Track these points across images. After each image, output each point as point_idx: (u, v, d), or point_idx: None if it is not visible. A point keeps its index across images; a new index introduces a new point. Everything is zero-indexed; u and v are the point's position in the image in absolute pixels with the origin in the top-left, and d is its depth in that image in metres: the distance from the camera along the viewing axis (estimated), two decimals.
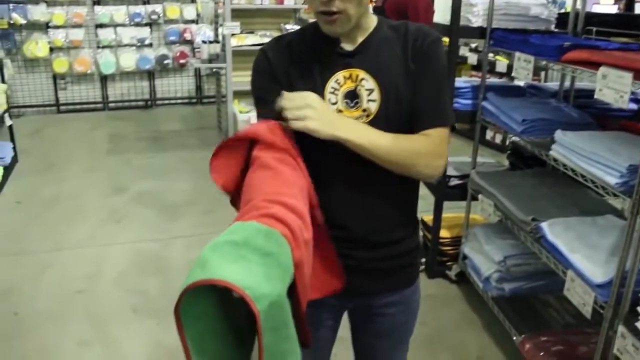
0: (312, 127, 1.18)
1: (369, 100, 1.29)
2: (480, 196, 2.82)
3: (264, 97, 1.33)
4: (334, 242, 1.32)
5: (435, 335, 2.75)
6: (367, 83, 1.29)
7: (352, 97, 1.30)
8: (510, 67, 5.40)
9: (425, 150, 1.29)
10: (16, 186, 4.55)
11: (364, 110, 1.30)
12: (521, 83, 3.22)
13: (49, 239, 3.67)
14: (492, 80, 3.45)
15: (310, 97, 1.21)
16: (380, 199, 1.36)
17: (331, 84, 1.30)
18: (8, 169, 4.69)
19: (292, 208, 1.04)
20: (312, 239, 1.11)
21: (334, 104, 1.30)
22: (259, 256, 0.92)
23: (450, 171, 3.14)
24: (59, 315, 2.86)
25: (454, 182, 3.12)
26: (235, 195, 1.26)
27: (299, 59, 1.33)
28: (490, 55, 4.97)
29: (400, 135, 1.29)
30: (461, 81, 2.99)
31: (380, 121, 1.29)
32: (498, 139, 5.46)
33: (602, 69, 1.84)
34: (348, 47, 1.31)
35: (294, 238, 1.00)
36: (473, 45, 5.57)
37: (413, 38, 1.31)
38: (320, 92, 1.29)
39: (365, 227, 1.38)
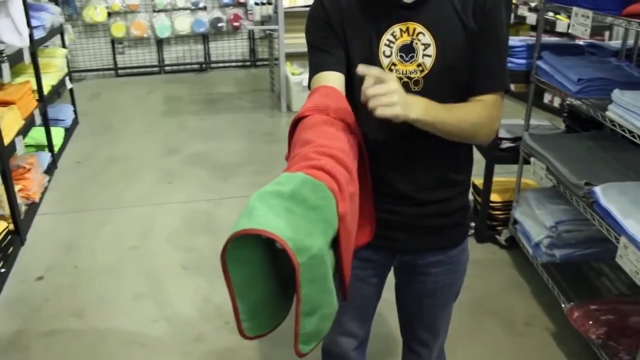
0: (399, 112, 1.12)
1: (424, 55, 1.28)
2: (532, 159, 2.72)
3: (317, 45, 1.34)
4: (379, 197, 1.33)
5: (481, 299, 2.72)
6: (424, 38, 1.27)
7: (408, 51, 1.28)
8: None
9: (485, 120, 1.30)
10: (76, 147, 4.74)
11: (419, 65, 1.29)
12: (581, 42, 3.05)
13: (105, 197, 3.82)
14: (549, 39, 3.28)
15: (393, 81, 1.14)
16: (426, 157, 1.35)
17: (387, 36, 1.29)
18: (69, 131, 4.88)
19: (340, 161, 1.06)
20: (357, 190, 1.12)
21: (388, 56, 1.29)
22: (304, 210, 0.94)
23: (502, 133, 3.04)
24: (115, 269, 2.99)
25: (505, 144, 3.03)
26: None
27: (356, 9, 1.31)
28: (551, 14, 4.76)
29: (460, 107, 1.29)
30: (516, 40, 2.86)
31: (434, 77, 1.29)
32: (557, 102, 5.23)
33: None
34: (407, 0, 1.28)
35: (340, 191, 1.01)
36: (533, 4, 5.30)
37: None
38: (375, 44, 1.29)
39: (410, 184, 1.38)
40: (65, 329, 2.54)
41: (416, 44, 1.28)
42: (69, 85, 4.94)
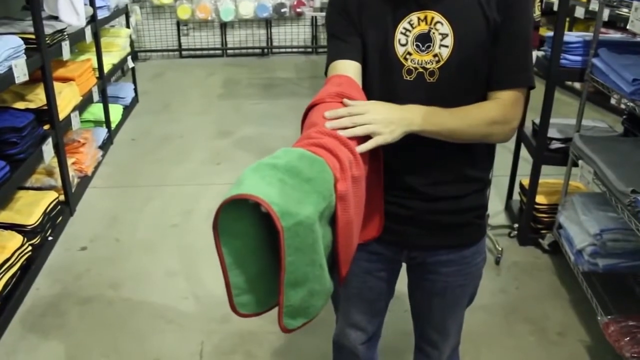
0: (384, 140, 1.12)
1: (441, 46, 1.23)
2: (580, 162, 2.58)
3: (334, 32, 1.32)
4: (389, 190, 1.30)
5: (515, 304, 2.62)
6: (442, 27, 1.22)
7: (424, 40, 1.24)
8: None
9: (499, 118, 1.25)
10: (133, 124, 4.90)
11: (435, 56, 1.24)
12: None
13: (154, 174, 3.94)
14: (611, 35, 3.09)
15: (368, 107, 1.14)
16: (439, 151, 1.29)
17: (404, 24, 1.24)
18: (128, 108, 5.04)
19: (344, 142, 1.04)
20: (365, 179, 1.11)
21: (404, 45, 1.25)
22: (298, 181, 0.93)
23: (553, 133, 2.90)
24: (153, 245, 3.08)
25: (555, 145, 2.88)
26: None
27: None
28: (625, 10, 4.47)
29: (470, 108, 1.24)
30: (572, 35, 2.71)
31: (450, 69, 1.24)
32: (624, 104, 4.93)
33: None
34: None
35: (342, 170, 1.00)
36: None
37: None
38: (391, 32, 1.25)
39: (421, 177, 1.33)
40: (100, 299, 2.64)
41: (433, 33, 1.23)
42: (130, 64, 5.10)
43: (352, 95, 1.19)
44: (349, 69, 1.27)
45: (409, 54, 1.25)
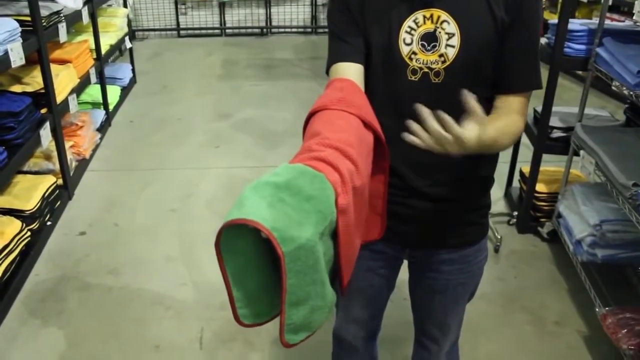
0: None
1: (447, 45, 1.20)
2: (581, 152, 2.57)
3: (336, 32, 1.28)
4: (391, 190, 1.27)
5: (514, 293, 2.63)
6: (448, 26, 1.19)
7: (430, 39, 1.21)
8: None
9: (519, 130, 1.24)
10: (131, 106, 4.86)
11: (441, 56, 1.21)
12: None
13: (153, 157, 3.92)
14: (616, 24, 3.05)
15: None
16: (443, 154, 1.27)
17: (409, 22, 1.21)
18: (126, 89, 4.99)
19: (345, 153, 1.02)
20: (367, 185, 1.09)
21: (409, 44, 1.21)
22: (299, 200, 0.92)
23: (555, 122, 2.88)
24: (152, 230, 3.07)
25: (556, 134, 2.87)
26: None
27: None
28: None
29: (503, 126, 1.20)
30: (576, 23, 2.67)
31: (456, 69, 1.21)
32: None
33: None
34: None
35: (343, 183, 0.99)
36: None
37: None
38: (395, 31, 1.22)
39: (424, 179, 1.32)
40: (100, 285, 2.64)
41: (439, 32, 1.20)
42: (128, 44, 5.03)
43: (354, 101, 1.17)
44: (351, 71, 1.24)
45: (414, 53, 1.22)
